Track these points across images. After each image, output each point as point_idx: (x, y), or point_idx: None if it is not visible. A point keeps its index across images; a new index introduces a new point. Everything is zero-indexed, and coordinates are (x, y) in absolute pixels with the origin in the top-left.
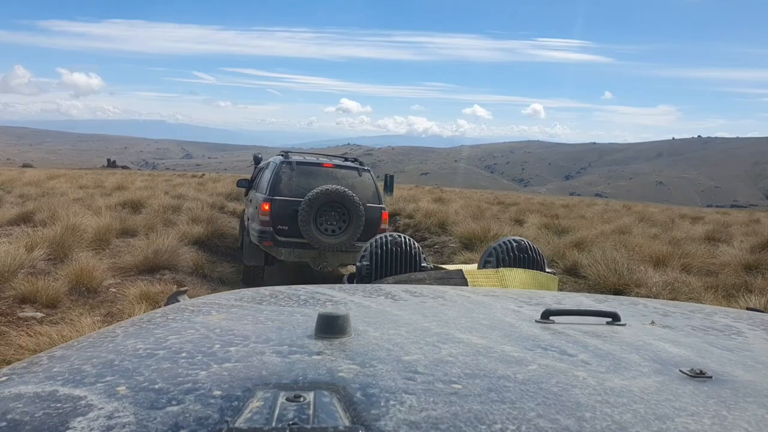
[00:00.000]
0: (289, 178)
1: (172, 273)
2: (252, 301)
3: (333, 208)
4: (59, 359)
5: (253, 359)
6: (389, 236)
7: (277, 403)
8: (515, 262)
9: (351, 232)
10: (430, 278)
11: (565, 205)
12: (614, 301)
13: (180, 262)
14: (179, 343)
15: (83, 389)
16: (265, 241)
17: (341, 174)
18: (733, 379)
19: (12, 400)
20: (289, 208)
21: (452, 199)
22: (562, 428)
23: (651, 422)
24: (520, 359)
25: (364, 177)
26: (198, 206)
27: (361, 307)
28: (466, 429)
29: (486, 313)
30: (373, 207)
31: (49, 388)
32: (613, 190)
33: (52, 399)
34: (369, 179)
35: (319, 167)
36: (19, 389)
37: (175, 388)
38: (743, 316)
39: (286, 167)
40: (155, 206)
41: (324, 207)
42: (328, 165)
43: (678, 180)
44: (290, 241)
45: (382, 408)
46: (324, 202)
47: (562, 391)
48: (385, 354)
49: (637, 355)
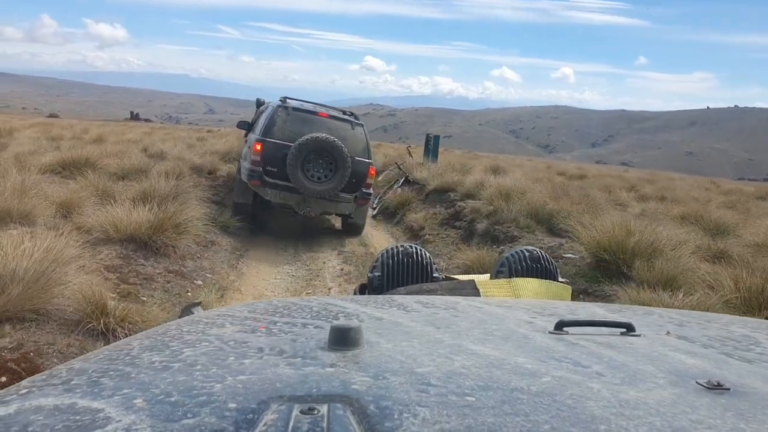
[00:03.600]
0: (283, 122)
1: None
2: (265, 312)
3: (321, 156)
4: (77, 372)
5: (267, 371)
6: (400, 247)
7: (292, 415)
8: (528, 272)
9: (336, 181)
10: (442, 289)
11: (649, 180)
12: (629, 311)
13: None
14: (194, 355)
15: (101, 402)
16: (254, 180)
17: (335, 125)
18: (751, 391)
19: (33, 412)
20: (279, 152)
21: (507, 168)
22: None
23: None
24: (533, 371)
25: (357, 131)
26: (174, 168)
27: (374, 319)
28: None
29: (499, 324)
30: (361, 161)
31: (69, 401)
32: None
33: (72, 411)
34: (361, 133)
35: (314, 115)
36: (39, 402)
37: (191, 401)
38: (761, 326)
39: (282, 111)
40: (112, 168)
41: (312, 154)
42: (323, 114)
43: (709, 151)
44: (277, 183)
45: (396, 421)
46: (313, 149)
47: (576, 403)
48: (398, 366)
49: (652, 366)
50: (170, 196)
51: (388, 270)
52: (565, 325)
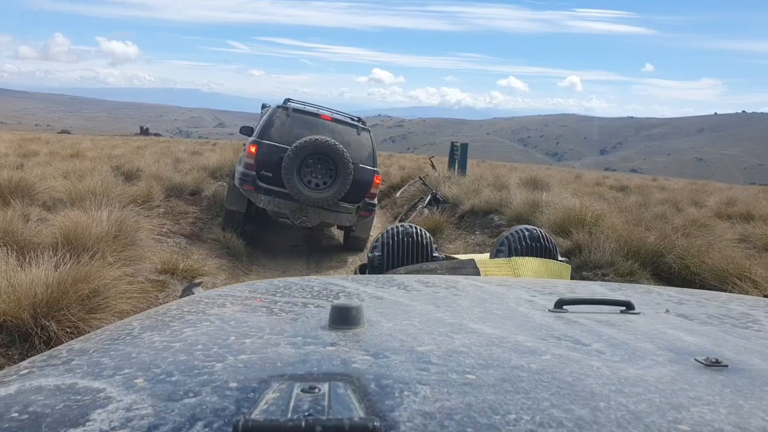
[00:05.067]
0: (282, 124)
1: None
2: (266, 292)
3: (320, 160)
4: (78, 352)
5: (267, 351)
6: (400, 227)
7: (293, 394)
8: (528, 251)
9: (336, 189)
10: (442, 268)
11: (695, 189)
12: (629, 289)
13: None
14: (195, 335)
15: (102, 381)
16: (246, 184)
17: (338, 129)
18: (749, 368)
19: (33, 392)
20: (276, 155)
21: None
22: (577, 418)
23: (666, 412)
24: (533, 349)
25: (362, 136)
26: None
27: (374, 298)
28: (480, 419)
29: (499, 302)
30: (365, 168)
31: (69, 381)
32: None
33: (72, 391)
34: (367, 139)
35: (316, 118)
36: (40, 382)
37: (192, 380)
38: (759, 304)
39: (281, 112)
40: (57, 192)
41: (311, 158)
42: (326, 117)
43: (719, 157)
44: (272, 189)
45: (397, 399)
46: (311, 153)
47: (576, 380)
48: (399, 345)
49: (651, 344)
50: (107, 237)
51: (389, 250)
52: (565, 303)
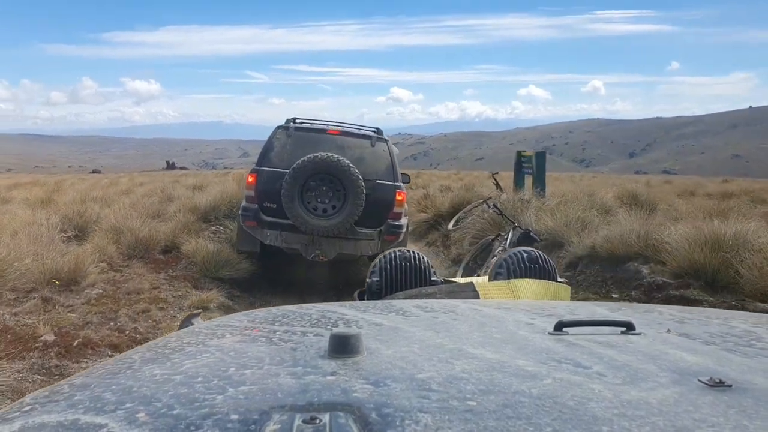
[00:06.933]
0: (282, 146)
1: None
2: (264, 322)
3: (324, 181)
4: (80, 387)
5: (268, 381)
6: (398, 251)
7: (294, 425)
8: (526, 273)
9: (347, 212)
10: (440, 292)
11: None
12: (629, 309)
13: None
14: (195, 367)
15: (104, 417)
16: (248, 220)
17: (348, 143)
18: (753, 387)
19: (36, 429)
20: (277, 182)
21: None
22: None
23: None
24: (534, 373)
25: (378, 147)
26: (73, 261)
27: (373, 325)
28: None
29: (498, 326)
30: (383, 185)
31: (72, 417)
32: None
33: (75, 428)
34: (384, 150)
35: (322, 134)
36: (43, 419)
37: (193, 413)
38: (762, 321)
39: (281, 133)
40: None
41: (313, 180)
42: (333, 132)
43: (756, 152)
44: (277, 222)
45: (398, 428)
46: (312, 174)
47: (578, 405)
48: (399, 372)
49: (653, 365)
50: None
51: (387, 275)
52: (565, 325)
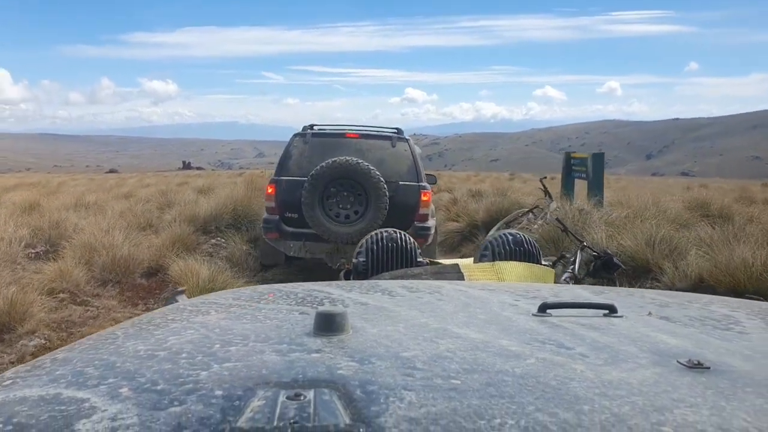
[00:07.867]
0: (300, 154)
1: None
2: (250, 299)
3: (345, 187)
4: (62, 362)
5: (253, 358)
6: (384, 232)
7: (278, 401)
8: (511, 256)
9: (370, 217)
10: (426, 273)
11: None
12: (611, 292)
13: None
14: (179, 343)
15: (86, 391)
16: (269, 232)
17: (368, 146)
18: (731, 370)
19: (17, 403)
20: (297, 191)
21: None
22: (561, 422)
23: (649, 414)
24: (517, 353)
25: (399, 148)
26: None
27: (359, 304)
28: (466, 424)
29: (483, 307)
30: (407, 186)
31: (53, 391)
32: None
33: (57, 402)
34: (405, 150)
35: (340, 138)
36: (24, 392)
37: (177, 389)
38: (741, 305)
39: (298, 141)
40: None
41: (333, 186)
42: (352, 135)
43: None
44: (300, 233)
45: (382, 405)
46: (331, 179)
47: (560, 384)
48: (384, 350)
49: (634, 346)
50: None
51: (373, 255)
52: (549, 307)
